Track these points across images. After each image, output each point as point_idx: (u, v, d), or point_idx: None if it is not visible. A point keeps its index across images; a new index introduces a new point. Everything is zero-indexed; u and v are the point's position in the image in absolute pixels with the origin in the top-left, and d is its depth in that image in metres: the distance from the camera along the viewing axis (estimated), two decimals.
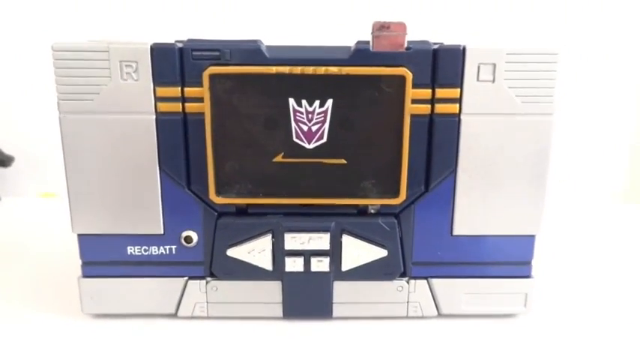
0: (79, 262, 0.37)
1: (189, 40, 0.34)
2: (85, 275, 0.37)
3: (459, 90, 0.34)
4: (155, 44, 0.33)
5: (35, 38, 0.66)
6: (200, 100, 0.34)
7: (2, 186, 0.71)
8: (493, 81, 0.34)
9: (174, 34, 0.38)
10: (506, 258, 0.38)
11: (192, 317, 0.38)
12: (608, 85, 0.70)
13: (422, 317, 0.39)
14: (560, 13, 0.67)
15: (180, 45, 0.34)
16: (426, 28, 0.39)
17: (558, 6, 0.67)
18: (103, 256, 0.37)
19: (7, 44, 0.67)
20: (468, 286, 0.38)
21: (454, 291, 0.38)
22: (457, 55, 0.34)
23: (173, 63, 0.33)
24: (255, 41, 0.34)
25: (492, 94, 0.34)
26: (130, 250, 0.37)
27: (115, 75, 0.33)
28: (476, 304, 0.38)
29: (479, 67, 0.34)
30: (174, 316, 0.38)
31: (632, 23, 0.68)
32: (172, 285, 0.38)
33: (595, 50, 0.69)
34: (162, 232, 0.36)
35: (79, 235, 0.37)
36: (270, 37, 0.36)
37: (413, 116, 0.34)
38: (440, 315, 0.39)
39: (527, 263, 0.38)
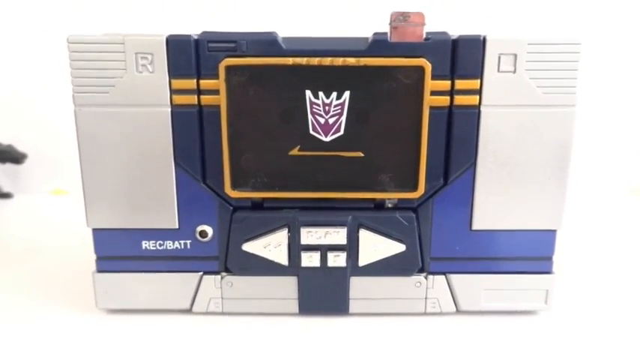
0: (93, 257, 0.37)
1: (205, 32, 0.34)
2: (100, 270, 0.37)
3: (478, 81, 0.34)
4: (171, 36, 0.33)
5: (47, 35, 0.66)
6: (216, 92, 0.33)
7: (15, 183, 0.71)
8: (514, 72, 0.33)
9: (188, 27, 0.38)
10: (527, 253, 0.37)
11: (207, 313, 0.38)
12: (629, 78, 0.69)
13: (440, 314, 0.38)
14: (581, 3, 0.66)
15: (196, 37, 0.33)
16: (444, 19, 0.38)
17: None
18: (117, 251, 0.37)
19: (19, 41, 0.67)
20: (487, 282, 0.37)
21: (473, 287, 0.37)
22: (477, 45, 0.33)
23: (189, 55, 0.33)
24: (271, 33, 0.34)
25: (513, 86, 0.34)
26: (145, 244, 0.36)
27: (131, 67, 0.33)
28: (495, 301, 0.38)
29: (499, 58, 0.33)
30: (188, 311, 0.38)
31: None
32: (187, 280, 0.37)
33: (616, 42, 0.67)
34: (177, 227, 0.36)
35: (94, 230, 0.36)
36: (286, 29, 0.35)
37: (432, 108, 0.34)
38: (458, 311, 0.38)
39: (549, 259, 0.37)
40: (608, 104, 0.70)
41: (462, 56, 0.33)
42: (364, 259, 0.36)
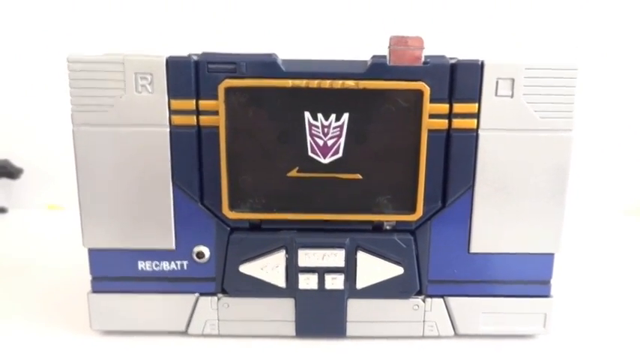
0: (88, 276, 0.37)
1: (205, 53, 0.34)
2: (95, 290, 0.37)
3: (476, 105, 0.34)
4: (171, 57, 0.33)
5: (47, 51, 0.66)
6: (215, 113, 0.33)
7: (10, 198, 0.71)
8: (512, 96, 0.34)
9: (189, 47, 0.38)
10: (525, 277, 0.37)
11: (203, 335, 0.37)
12: (627, 100, 0.70)
13: (438, 337, 0.38)
14: (578, 28, 0.67)
15: (195, 58, 0.33)
16: (443, 43, 0.39)
17: (577, 20, 0.67)
18: (113, 272, 0.36)
19: (18, 57, 0.67)
20: (485, 306, 0.37)
21: (471, 310, 0.37)
22: (475, 69, 0.33)
23: (188, 75, 0.33)
24: (270, 55, 0.34)
25: (511, 110, 0.34)
26: (141, 265, 0.36)
27: (130, 87, 0.33)
28: (494, 324, 0.37)
29: (497, 82, 0.34)
30: (184, 333, 0.37)
31: None
32: (183, 301, 0.37)
33: (614, 64, 0.68)
34: (173, 247, 0.36)
35: (90, 250, 0.36)
36: (286, 52, 0.35)
37: (430, 131, 0.34)
38: (457, 335, 0.38)
39: (547, 282, 0.37)
40: (606, 126, 0.70)
41: (460, 80, 0.33)
42: (362, 281, 0.36)
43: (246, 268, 0.35)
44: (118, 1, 0.66)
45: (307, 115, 0.34)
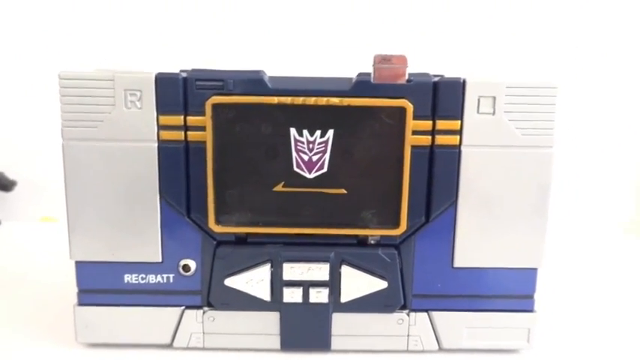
0: (76, 289, 0.37)
1: (193, 70, 0.35)
2: (81, 303, 0.37)
3: (459, 122, 0.34)
4: (160, 74, 0.34)
5: (38, 66, 0.67)
6: (202, 128, 0.34)
7: (4, 210, 0.71)
8: (493, 113, 0.34)
9: (178, 64, 0.39)
10: (508, 291, 0.37)
11: (188, 348, 0.37)
12: (614, 116, 0.71)
13: (422, 351, 0.38)
14: (562, 44, 0.69)
15: (184, 75, 0.34)
16: (427, 61, 0.40)
17: (560, 37, 0.69)
18: (99, 284, 0.36)
19: (11, 71, 0.68)
20: (469, 320, 0.37)
21: (455, 325, 0.37)
22: (457, 87, 0.34)
23: (177, 92, 0.34)
24: (257, 72, 0.34)
25: (492, 127, 0.35)
26: (127, 278, 0.36)
27: (119, 103, 0.34)
28: (477, 339, 0.38)
29: (479, 100, 0.34)
30: (169, 346, 0.37)
31: (635, 51, 0.69)
32: (168, 314, 0.37)
33: (601, 80, 0.69)
34: (160, 260, 0.36)
35: (77, 262, 0.36)
36: (273, 68, 0.36)
37: (413, 147, 0.34)
38: (441, 349, 0.38)
39: (530, 297, 0.37)
40: (608, 143, 0.71)
41: (443, 98, 0.34)
42: (346, 295, 0.36)
43: (232, 282, 0.36)
44: (110, 18, 0.67)
45: (293, 131, 0.34)
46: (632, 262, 0.60)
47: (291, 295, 0.36)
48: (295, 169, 0.35)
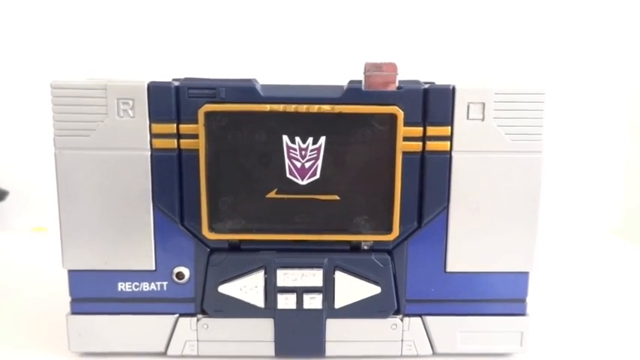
0: (68, 298, 0.37)
1: (186, 79, 0.35)
2: (74, 312, 0.37)
3: (449, 128, 0.35)
4: (152, 82, 0.34)
5: (30, 75, 0.67)
6: (195, 136, 0.34)
7: None
8: (483, 119, 0.35)
9: (172, 72, 0.39)
10: (501, 295, 0.37)
11: (182, 356, 0.37)
12: (603, 120, 0.72)
13: (416, 356, 0.38)
14: (550, 51, 0.70)
15: (176, 83, 0.34)
16: (418, 67, 0.40)
17: (549, 42, 0.70)
18: (93, 293, 0.36)
19: (2, 81, 0.68)
20: (462, 324, 0.38)
21: (449, 329, 0.38)
22: (447, 94, 0.35)
23: (169, 100, 0.34)
24: (250, 80, 0.35)
25: (482, 132, 0.35)
26: (121, 286, 0.36)
27: (112, 112, 0.34)
28: (471, 343, 0.38)
29: (468, 107, 0.35)
30: (163, 354, 0.37)
31: (622, 58, 0.70)
32: (162, 322, 0.37)
33: (589, 86, 0.70)
34: (153, 268, 0.36)
35: (70, 271, 0.36)
36: (265, 76, 0.37)
37: (405, 153, 0.35)
38: (435, 354, 0.38)
39: (522, 301, 0.38)
40: (594, 147, 0.72)
41: (433, 104, 0.35)
42: (340, 301, 0.36)
43: (226, 289, 0.36)
44: (102, 27, 0.68)
45: (285, 138, 0.34)
46: (622, 265, 0.61)
47: (285, 302, 0.36)
48: (288, 175, 0.35)
